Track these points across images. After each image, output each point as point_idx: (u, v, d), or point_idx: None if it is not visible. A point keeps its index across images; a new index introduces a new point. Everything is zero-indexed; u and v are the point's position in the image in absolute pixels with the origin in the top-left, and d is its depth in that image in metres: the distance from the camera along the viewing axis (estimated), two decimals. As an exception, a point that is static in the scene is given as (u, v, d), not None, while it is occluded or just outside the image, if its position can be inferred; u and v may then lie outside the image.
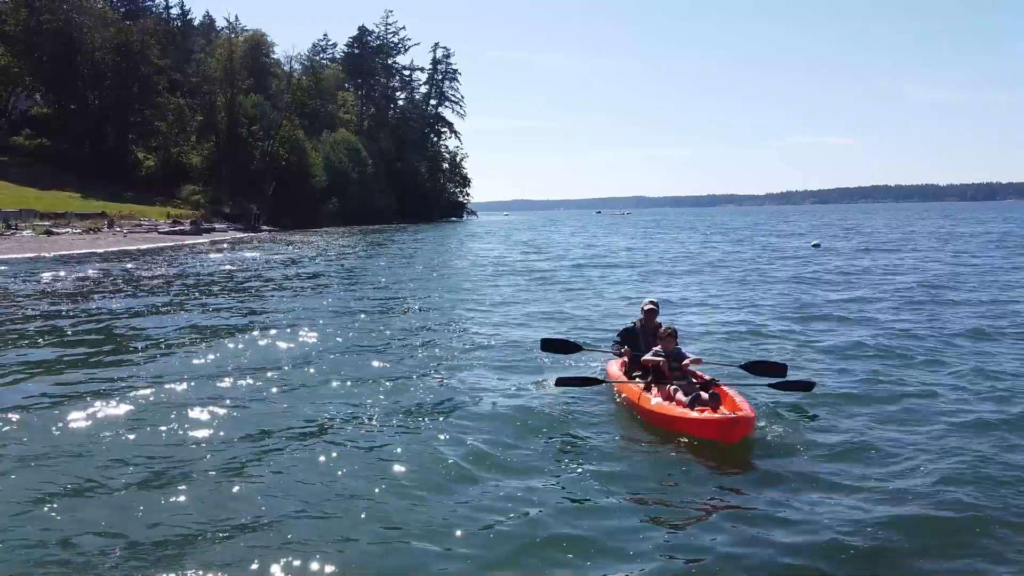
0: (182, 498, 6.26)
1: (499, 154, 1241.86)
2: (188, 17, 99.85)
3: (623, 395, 8.88)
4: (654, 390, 8.38)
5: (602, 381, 9.15)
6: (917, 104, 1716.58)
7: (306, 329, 14.04)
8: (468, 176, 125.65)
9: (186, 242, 46.56)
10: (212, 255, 36.11)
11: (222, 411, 8.56)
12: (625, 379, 9.11)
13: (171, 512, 6.00)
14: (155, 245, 42.54)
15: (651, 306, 9.87)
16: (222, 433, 7.88)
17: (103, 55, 67.65)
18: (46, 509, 6.03)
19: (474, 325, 15.42)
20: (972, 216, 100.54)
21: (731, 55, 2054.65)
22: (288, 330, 14.02)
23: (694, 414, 7.56)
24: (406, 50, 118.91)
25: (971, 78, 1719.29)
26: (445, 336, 14.12)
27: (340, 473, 6.79)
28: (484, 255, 39.44)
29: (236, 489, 6.43)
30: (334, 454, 7.20)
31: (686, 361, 8.57)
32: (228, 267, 29.55)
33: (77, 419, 8.32)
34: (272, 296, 20.33)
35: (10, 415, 8.35)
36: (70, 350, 12.41)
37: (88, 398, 9.10)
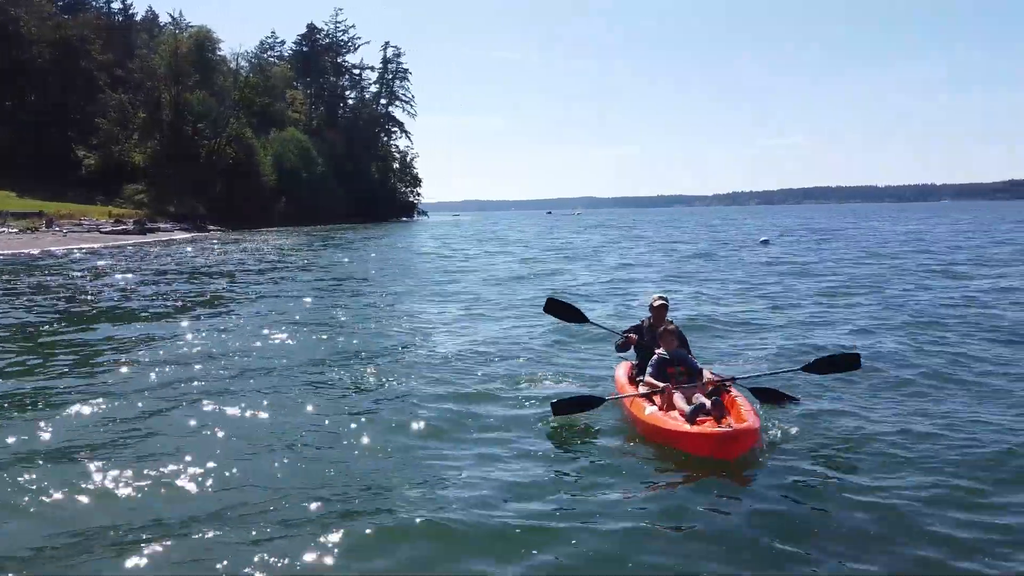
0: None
1: (449, 153, 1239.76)
2: (130, 12, 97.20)
3: (623, 404, 8.01)
4: (655, 398, 7.62)
5: (603, 400, 7.98)
6: (863, 106, 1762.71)
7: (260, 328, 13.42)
8: (419, 176, 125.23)
9: (129, 242, 45.06)
10: (152, 253, 34.89)
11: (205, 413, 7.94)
12: (627, 385, 8.29)
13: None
14: (96, 245, 41.04)
15: (660, 301, 8.62)
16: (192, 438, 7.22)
17: (41, 49, 65.29)
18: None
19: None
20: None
21: (680, 54, 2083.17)
22: (248, 326, 13.37)
23: (687, 427, 6.82)
24: (356, 48, 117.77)
25: (916, 80, 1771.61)
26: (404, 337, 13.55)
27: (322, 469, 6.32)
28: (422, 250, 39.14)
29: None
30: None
31: (707, 375, 7.86)
32: (171, 266, 28.48)
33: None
34: (220, 296, 19.54)
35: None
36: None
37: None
